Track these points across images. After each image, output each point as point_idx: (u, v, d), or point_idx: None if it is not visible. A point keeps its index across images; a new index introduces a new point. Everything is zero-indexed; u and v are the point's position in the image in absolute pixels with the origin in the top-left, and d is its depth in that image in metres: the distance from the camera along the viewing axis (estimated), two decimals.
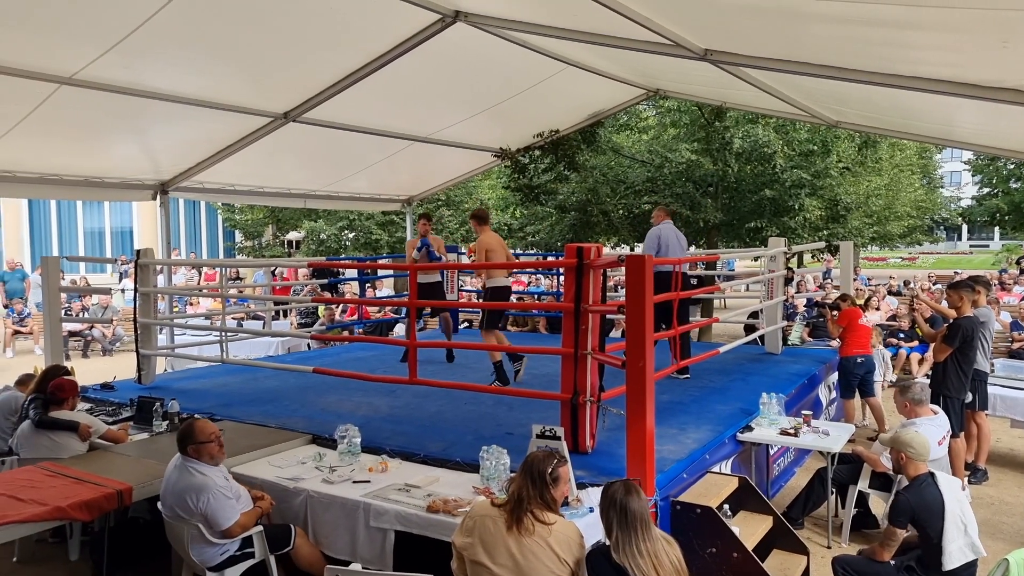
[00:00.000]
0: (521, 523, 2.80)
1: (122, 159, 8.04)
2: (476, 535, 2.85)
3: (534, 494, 2.87)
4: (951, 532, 3.68)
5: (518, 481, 2.92)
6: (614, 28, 5.52)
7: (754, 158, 12.02)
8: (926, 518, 3.73)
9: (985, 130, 6.70)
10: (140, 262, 6.73)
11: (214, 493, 3.54)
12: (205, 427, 3.74)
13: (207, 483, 3.56)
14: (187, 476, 3.60)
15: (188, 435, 3.68)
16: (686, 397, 5.79)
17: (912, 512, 3.78)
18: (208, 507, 3.51)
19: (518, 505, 2.84)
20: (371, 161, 9.72)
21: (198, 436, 3.67)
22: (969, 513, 3.81)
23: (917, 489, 3.86)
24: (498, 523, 2.84)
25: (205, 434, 3.69)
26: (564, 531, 2.89)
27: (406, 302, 5.53)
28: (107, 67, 5.82)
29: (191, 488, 3.55)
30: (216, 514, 3.53)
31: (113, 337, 13.96)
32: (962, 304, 5.97)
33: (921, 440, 4.05)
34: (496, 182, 19.36)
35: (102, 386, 6.59)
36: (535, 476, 2.90)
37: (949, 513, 3.70)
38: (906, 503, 3.82)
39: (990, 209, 30.60)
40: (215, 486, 3.57)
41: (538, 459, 2.97)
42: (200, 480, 3.57)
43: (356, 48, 6.64)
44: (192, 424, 3.76)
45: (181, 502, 3.56)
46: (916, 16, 3.78)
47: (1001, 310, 10.41)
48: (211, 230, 27.68)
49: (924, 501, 3.78)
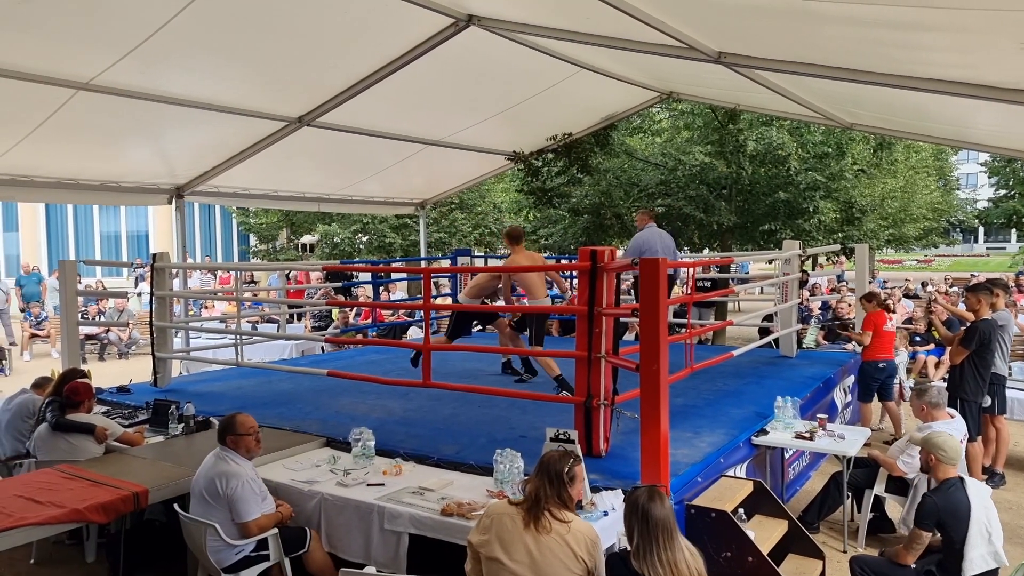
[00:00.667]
0: (539, 521, 2.81)
1: (138, 163, 8.13)
2: (493, 532, 2.86)
3: (551, 493, 2.88)
4: (975, 539, 3.63)
5: (535, 481, 2.93)
6: (627, 31, 5.52)
7: (768, 160, 11.96)
8: (951, 522, 3.69)
9: (1001, 132, 6.63)
10: (156, 266, 6.79)
11: (244, 482, 3.64)
12: (246, 420, 3.88)
13: (240, 472, 3.68)
14: (221, 463, 3.71)
15: (229, 426, 3.83)
16: (700, 400, 5.76)
17: (938, 515, 3.74)
18: (235, 493, 3.60)
19: (536, 504, 2.85)
20: (384, 165, 9.77)
21: (238, 428, 3.82)
22: (996, 522, 3.76)
23: (945, 493, 3.82)
24: (516, 521, 2.85)
25: (245, 427, 3.84)
26: (581, 529, 2.90)
27: (420, 305, 5.54)
28: (123, 72, 5.89)
29: (223, 473, 3.65)
30: (241, 502, 3.61)
31: (129, 340, 14.09)
32: (980, 307, 5.90)
33: (954, 444, 3.99)
34: (509, 185, 19.37)
35: (118, 389, 6.64)
36: (552, 475, 2.91)
37: (975, 519, 3.66)
38: (933, 506, 3.77)
39: (1007, 211, 30.23)
40: (246, 476, 3.68)
41: (554, 459, 2.97)
42: (234, 468, 3.69)
43: (370, 53, 6.67)
44: (234, 416, 3.90)
45: (210, 485, 3.64)
46: (930, 18, 3.75)
47: (1019, 313, 10.27)
48: (226, 234, 27.89)
49: (951, 505, 3.73)
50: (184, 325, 8.59)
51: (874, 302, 7.07)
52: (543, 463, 2.96)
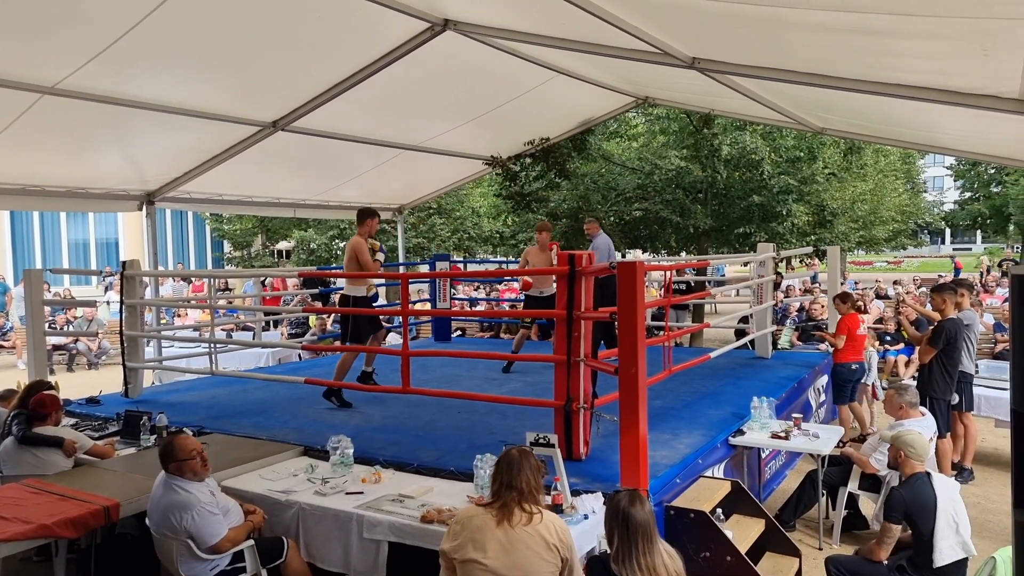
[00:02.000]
0: (510, 517, 2.82)
1: (107, 169, 7.97)
2: (464, 535, 2.86)
3: (518, 487, 2.87)
4: (943, 530, 3.74)
5: (500, 479, 2.93)
6: (603, 36, 5.55)
7: (742, 165, 12.12)
8: (919, 514, 3.79)
9: (967, 136, 6.79)
10: (126, 274, 6.66)
11: (198, 511, 3.48)
12: (186, 443, 3.67)
13: (190, 500, 3.49)
14: (170, 494, 3.54)
15: (169, 453, 3.62)
16: (679, 402, 5.80)
17: (906, 507, 3.85)
18: (193, 525, 3.46)
19: (505, 501, 2.86)
20: (362, 170, 9.71)
21: (178, 453, 3.60)
22: (962, 513, 3.86)
23: (912, 486, 3.93)
24: (486, 519, 2.85)
25: (186, 451, 3.61)
26: (551, 520, 2.92)
27: (398, 311, 5.51)
28: (91, 76, 5.78)
29: (174, 506, 3.49)
30: (201, 531, 3.48)
31: (99, 350, 13.81)
32: (945, 306, 6.04)
33: (922, 442, 4.14)
34: (488, 190, 19.38)
35: (88, 400, 6.50)
36: (517, 470, 2.91)
37: (942, 511, 3.76)
38: (900, 498, 3.89)
39: (972, 213, 30.99)
40: (198, 503, 3.50)
41: (515, 456, 2.97)
42: (183, 498, 3.50)
43: (345, 56, 6.63)
44: (172, 441, 3.69)
45: (165, 520, 3.50)
46: (900, 25, 3.83)
47: (984, 312, 10.51)
48: (199, 240, 27.49)
49: (918, 498, 3.84)
50: (156, 334, 8.44)
51: (848, 303, 7.18)
52: (505, 460, 2.97)
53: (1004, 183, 27.79)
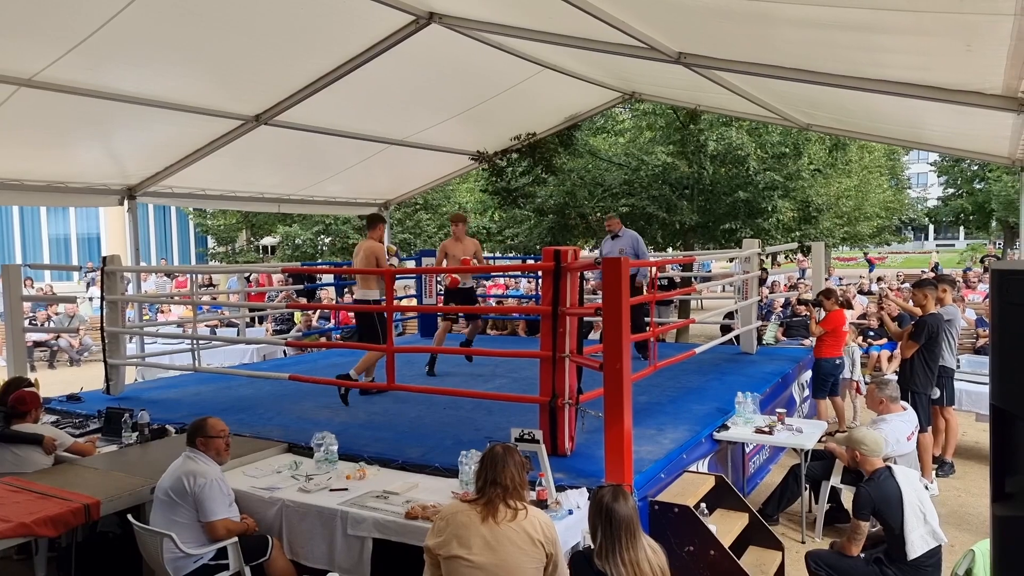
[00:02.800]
0: (496, 513, 2.82)
1: (87, 163, 7.87)
2: (449, 531, 2.85)
3: (503, 484, 2.87)
4: (911, 522, 3.79)
5: (484, 475, 2.93)
6: (589, 31, 5.54)
7: (728, 160, 12.17)
8: (886, 510, 3.86)
9: (950, 132, 6.85)
10: (106, 269, 6.58)
11: (212, 481, 3.59)
12: (217, 423, 3.83)
13: (208, 471, 3.63)
14: (190, 463, 3.66)
15: (200, 428, 3.76)
16: (663, 398, 5.82)
17: (872, 504, 3.92)
18: (203, 491, 3.54)
19: (490, 497, 2.85)
20: (347, 164, 9.64)
21: (209, 430, 3.77)
22: (928, 502, 3.93)
23: (876, 482, 4.00)
24: (471, 516, 2.85)
25: (216, 429, 3.77)
26: (535, 515, 2.92)
27: (384, 307, 5.48)
28: (69, 68, 5.69)
29: (191, 472, 3.60)
30: (208, 500, 3.55)
31: (80, 347, 13.66)
32: (926, 302, 6.10)
33: (873, 436, 4.22)
34: (474, 185, 19.34)
35: (68, 397, 6.42)
36: (508, 461, 2.91)
37: (907, 503, 3.83)
38: (867, 496, 3.96)
39: (955, 209, 31.31)
40: (215, 476, 3.64)
41: (499, 452, 2.97)
42: (203, 467, 3.64)
43: (329, 50, 6.57)
44: (206, 419, 3.85)
45: (177, 484, 3.58)
46: (884, 20, 3.85)
47: (966, 307, 10.63)
48: (182, 236, 27.26)
49: (883, 493, 3.91)
50: (138, 330, 8.35)
51: (832, 299, 7.24)
52: (490, 457, 2.96)
53: (987, 179, 28.09)
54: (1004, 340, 1.37)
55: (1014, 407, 1.35)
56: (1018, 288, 1.33)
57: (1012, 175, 22.62)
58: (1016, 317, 1.34)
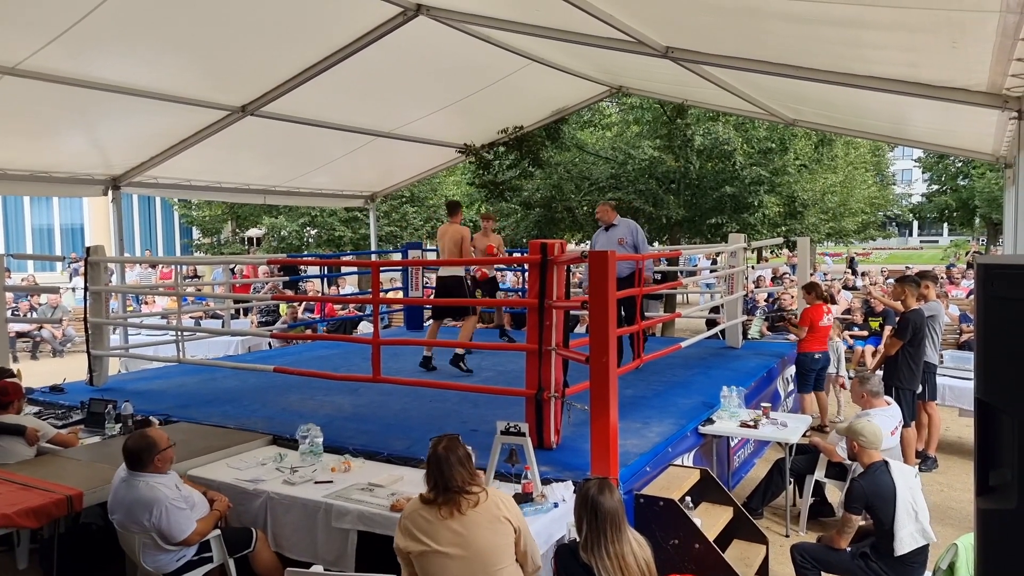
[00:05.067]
0: (460, 506, 2.82)
1: (71, 153, 7.76)
2: (415, 532, 2.85)
3: (455, 486, 2.85)
4: (902, 518, 3.79)
5: (434, 480, 2.88)
6: (577, 24, 5.52)
7: (715, 155, 12.22)
8: (879, 504, 3.84)
9: (935, 129, 6.90)
10: (90, 259, 6.50)
11: (166, 507, 3.40)
12: (161, 434, 3.62)
13: (157, 497, 3.40)
14: (134, 490, 3.44)
15: (152, 446, 3.50)
16: (649, 391, 5.84)
17: (866, 498, 3.90)
18: (161, 522, 3.38)
19: (447, 492, 2.83)
20: (333, 156, 9.58)
21: (161, 444, 3.53)
22: (921, 500, 3.93)
23: (871, 476, 3.98)
24: (432, 513, 2.84)
25: (164, 440, 3.57)
26: (493, 494, 2.93)
27: (370, 299, 5.46)
28: (52, 57, 5.60)
29: (140, 503, 3.40)
30: (171, 528, 3.41)
31: (64, 338, 13.50)
32: (906, 297, 6.15)
33: (872, 429, 4.18)
34: (461, 178, 19.28)
35: (51, 388, 6.35)
36: (452, 462, 2.88)
37: (900, 500, 3.81)
38: (860, 490, 3.94)
39: (939, 206, 31.62)
40: (166, 499, 3.41)
41: (441, 455, 2.91)
42: (150, 495, 3.41)
43: (316, 41, 6.51)
44: (148, 435, 3.58)
45: (132, 517, 3.42)
46: (870, 15, 3.86)
47: (950, 303, 10.75)
48: (167, 227, 27.00)
49: (877, 488, 3.89)
50: (122, 321, 8.26)
51: (813, 294, 7.28)
52: (435, 461, 2.90)
53: (971, 176, 28.39)
54: (989, 334, 1.38)
55: (998, 401, 1.36)
56: (1003, 282, 1.34)
57: (995, 172, 22.88)
58: (1001, 311, 1.35)
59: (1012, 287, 1.32)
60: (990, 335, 1.37)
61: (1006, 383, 1.34)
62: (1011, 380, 1.33)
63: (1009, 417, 1.33)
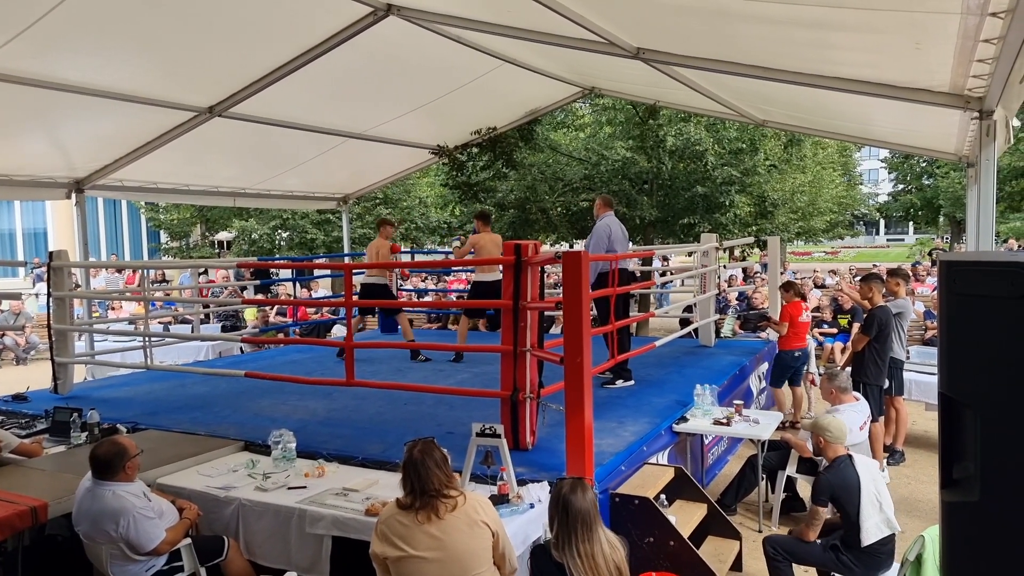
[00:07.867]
0: (437, 511, 2.80)
1: (32, 155, 7.56)
2: (392, 537, 2.82)
3: (432, 490, 2.83)
4: (867, 509, 3.89)
5: (410, 484, 2.86)
6: (548, 25, 5.53)
7: (687, 156, 12.33)
8: (844, 497, 3.95)
9: (900, 129, 7.03)
10: (53, 265, 6.35)
11: (133, 516, 3.33)
12: (129, 441, 3.55)
13: (124, 507, 3.34)
14: (100, 501, 3.36)
15: (122, 454, 3.43)
16: (624, 391, 5.87)
17: (832, 491, 4.00)
18: (129, 532, 3.31)
19: (425, 496, 2.82)
20: (304, 158, 9.47)
21: (131, 452, 3.46)
22: (884, 492, 4.03)
23: (836, 470, 4.09)
24: (409, 518, 2.82)
25: (133, 448, 3.51)
26: (471, 497, 2.92)
27: (343, 302, 5.40)
28: (12, 57, 5.45)
29: (106, 514, 3.33)
30: (139, 538, 3.34)
31: (27, 345, 13.18)
32: (871, 295, 6.27)
33: (837, 424, 4.30)
34: (434, 180, 19.19)
35: (14, 397, 6.19)
36: (429, 465, 2.86)
37: (865, 492, 3.92)
38: (826, 482, 4.05)
39: (904, 205, 32.28)
40: (133, 508, 3.35)
41: (417, 458, 2.88)
42: (116, 504, 3.35)
43: (285, 41, 6.43)
44: (117, 442, 3.51)
45: (98, 529, 3.34)
46: (836, 17, 3.92)
47: (915, 300, 10.98)
48: (134, 230, 26.46)
49: (842, 481, 3.99)
50: (88, 327, 8.08)
51: (791, 292, 7.38)
52: (411, 465, 2.88)
53: (935, 176, 29.02)
54: (952, 330, 1.40)
55: (962, 396, 1.38)
56: (966, 279, 1.36)
57: (959, 171, 23.43)
58: (964, 307, 1.37)
59: (974, 284, 1.35)
60: (953, 331, 1.40)
61: (968, 378, 1.37)
62: (973, 375, 1.35)
63: (972, 412, 1.35)
